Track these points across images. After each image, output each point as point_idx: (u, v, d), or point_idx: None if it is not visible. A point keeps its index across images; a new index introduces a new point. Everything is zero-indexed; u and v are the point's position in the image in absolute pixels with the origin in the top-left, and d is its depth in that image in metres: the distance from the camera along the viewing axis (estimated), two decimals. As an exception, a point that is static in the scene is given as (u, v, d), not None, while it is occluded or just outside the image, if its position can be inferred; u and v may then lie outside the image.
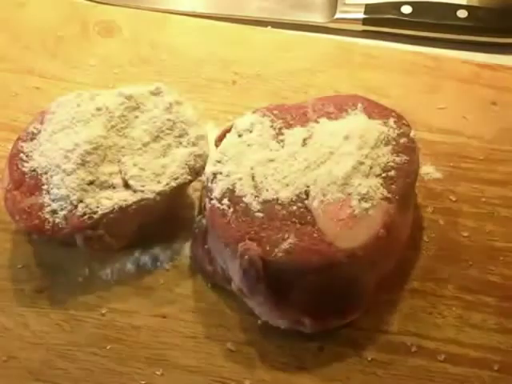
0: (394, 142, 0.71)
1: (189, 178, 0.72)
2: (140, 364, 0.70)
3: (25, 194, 0.71)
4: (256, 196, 0.69)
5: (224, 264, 0.71)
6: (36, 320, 0.72)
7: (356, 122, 0.71)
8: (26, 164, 0.73)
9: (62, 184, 0.70)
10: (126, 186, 0.71)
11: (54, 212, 0.70)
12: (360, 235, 0.67)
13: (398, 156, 0.70)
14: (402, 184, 0.69)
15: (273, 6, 0.93)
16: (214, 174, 0.71)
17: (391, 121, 0.72)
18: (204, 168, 0.73)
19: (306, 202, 0.68)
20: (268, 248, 0.66)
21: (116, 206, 0.70)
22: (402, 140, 0.71)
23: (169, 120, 0.73)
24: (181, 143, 0.73)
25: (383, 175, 0.69)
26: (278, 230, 0.67)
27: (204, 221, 0.73)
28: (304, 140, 0.72)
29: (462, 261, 0.74)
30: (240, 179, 0.70)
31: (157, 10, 0.92)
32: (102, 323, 0.72)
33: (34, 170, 0.72)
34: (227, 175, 0.70)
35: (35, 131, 0.74)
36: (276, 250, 0.66)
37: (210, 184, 0.71)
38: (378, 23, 0.91)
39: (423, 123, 0.82)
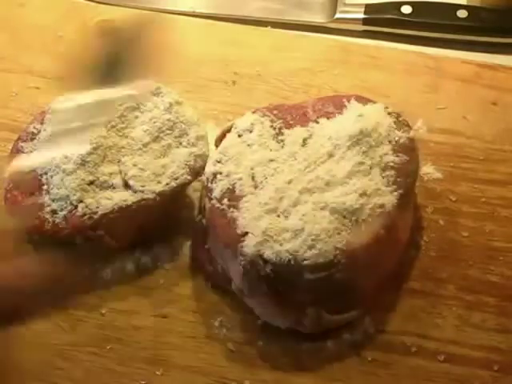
0: (393, 142, 0.71)
1: (189, 178, 0.72)
2: (140, 364, 0.70)
3: (25, 193, 0.72)
4: (256, 196, 0.69)
5: (224, 264, 0.71)
6: (36, 320, 0.72)
7: (356, 121, 0.71)
8: (26, 164, 0.73)
9: (62, 184, 0.70)
10: (126, 186, 0.71)
11: (54, 212, 0.70)
12: (360, 235, 0.67)
13: (397, 156, 0.70)
14: (402, 184, 0.70)
15: (273, 5, 0.93)
16: (214, 174, 0.71)
17: (391, 121, 0.72)
18: (204, 168, 0.73)
19: (306, 202, 0.68)
20: (268, 248, 0.66)
21: (116, 207, 0.70)
22: (402, 140, 0.71)
23: (169, 120, 0.73)
24: (181, 143, 0.73)
25: (383, 175, 0.69)
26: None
27: (204, 221, 0.73)
28: (304, 140, 0.72)
29: (461, 261, 0.74)
30: (240, 179, 0.70)
31: (156, 9, 0.92)
32: (102, 323, 0.72)
33: (34, 170, 0.72)
34: (227, 175, 0.70)
35: (35, 131, 0.74)
36: (276, 250, 0.66)
37: (210, 184, 0.71)
38: (378, 23, 0.91)
39: (423, 123, 0.82)
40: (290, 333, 0.70)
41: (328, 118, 0.73)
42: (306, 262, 0.66)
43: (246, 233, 0.67)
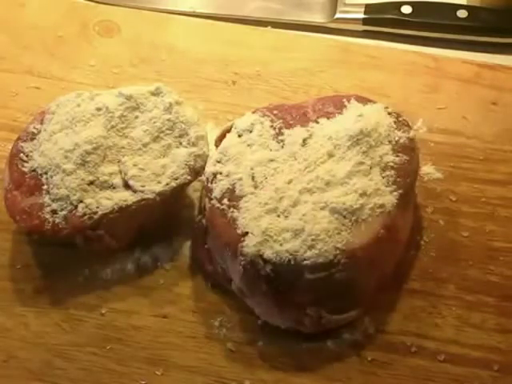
0: (393, 142, 0.71)
1: (189, 178, 0.72)
2: (140, 364, 0.70)
3: (25, 194, 0.72)
4: (256, 196, 0.69)
5: (224, 264, 0.71)
6: (36, 320, 0.72)
7: (356, 121, 0.71)
8: (26, 164, 0.73)
9: (62, 184, 0.70)
10: (126, 186, 0.71)
11: (54, 212, 0.70)
12: (360, 235, 0.67)
13: (397, 156, 0.70)
14: (402, 184, 0.70)
15: (273, 5, 0.93)
16: (214, 174, 0.71)
17: (391, 121, 0.72)
18: (204, 168, 0.73)
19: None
20: (268, 248, 0.66)
21: (116, 207, 0.70)
22: (402, 140, 0.71)
23: (169, 120, 0.73)
24: (181, 143, 0.73)
25: (383, 175, 0.69)
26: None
27: (204, 221, 0.73)
28: (304, 140, 0.72)
29: (461, 261, 0.74)
30: (240, 179, 0.70)
31: (156, 9, 0.92)
32: (102, 323, 0.72)
33: (34, 170, 0.72)
34: (227, 175, 0.70)
35: (35, 131, 0.74)
36: (276, 250, 0.66)
37: (209, 184, 0.71)
38: (378, 23, 0.91)
39: (423, 123, 0.82)
40: (290, 333, 0.70)
41: (328, 118, 0.73)
42: (305, 262, 0.66)
43: (246, 233, 0.67)
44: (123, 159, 0.72)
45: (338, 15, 0.91)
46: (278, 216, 0.68)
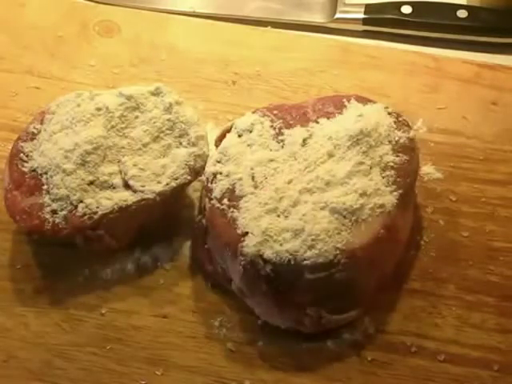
0: (393, 142, 0.71)
1: (189, 178, 0.72)
2: (140, 364, 0.70)
3: (25, 194, 0.72)
4: (256, 196, 0.69)
5: (224, 264, 0.71)
6: (36, 320, 0.72)
7: (356, 121, 0.71)
8: (26, 164, 0.73)
9: (62, 184, 0.70)
10: (126, 186, 0.71)
11: (54, 212, 0.70)
12: (360, 235, 0.67)
13: (397, 156, 0.70)
14: (402, 184, 0.70)
15: (273, 5, 0.93)
16: (214, 174, 0.71)
17: (391, 121, 0.72)
18: (204, 168, 0.73)
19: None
20: (268, 248, 0.66)
21: (116, 207, 0.70)
22: (402, 140, 0.71)
23: (169, 120, 0.73)
24: (181, 143, 0.73)
25: (383, 175, 0.69)
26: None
27: (204, 221, 0.73)
28: (304, 140, 0.72)
29: (461, 261, 0.74)
30: (240, 179, 0.70)
31: (156, 9, 0.92)
32: (102, 323, 0.72)
33: (34, 170, 0.72)
34: (227, 175, 0.70)
35: (35, 131, 0.74)
36: (276, 250, 0.66)
37: (209, 184, 0.71)
38: (378, 23, 0.91)
39: (423, 123, 0.82)
40: (290, 333, 0.70)
41: (328, 118, 0.73)
42: (305, 262, 0.66)
43: (246, 233, 0.67)
44: (123, 159, 0.72)
45: (337, 15, 0.91)
46: (278, 216, 0.68)
